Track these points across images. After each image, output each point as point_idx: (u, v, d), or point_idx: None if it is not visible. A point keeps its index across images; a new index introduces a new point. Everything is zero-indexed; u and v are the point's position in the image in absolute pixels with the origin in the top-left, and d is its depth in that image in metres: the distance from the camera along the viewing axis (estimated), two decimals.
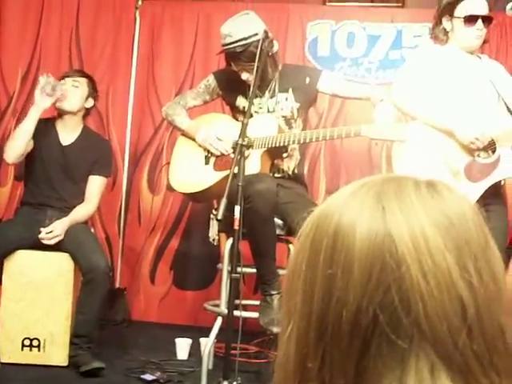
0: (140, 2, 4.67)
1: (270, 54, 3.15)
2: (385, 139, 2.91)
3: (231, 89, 3.43)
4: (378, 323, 0.66)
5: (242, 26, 3.19)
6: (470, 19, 3.11)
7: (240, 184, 2.68)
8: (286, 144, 3.14)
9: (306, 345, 0.71)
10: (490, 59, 3.35)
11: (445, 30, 3.20)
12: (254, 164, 3.12)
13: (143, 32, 4.68)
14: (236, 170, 2.72)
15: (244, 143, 2.74)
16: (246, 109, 3.17)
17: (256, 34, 3.12)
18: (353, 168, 4.43)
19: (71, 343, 3.37)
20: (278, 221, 3.20)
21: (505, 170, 2.98)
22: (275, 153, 3.26)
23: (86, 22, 4.63)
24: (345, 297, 0.68)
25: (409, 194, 0.71)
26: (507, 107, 3.10)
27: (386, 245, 0.67)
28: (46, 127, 3.57)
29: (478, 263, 0.68)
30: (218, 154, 3.33)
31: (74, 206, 3.55)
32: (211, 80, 3.51)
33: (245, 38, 3.15)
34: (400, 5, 4.80)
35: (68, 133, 3.62)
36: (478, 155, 3.00)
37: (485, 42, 3.23)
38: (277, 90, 3.33)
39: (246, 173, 2.81)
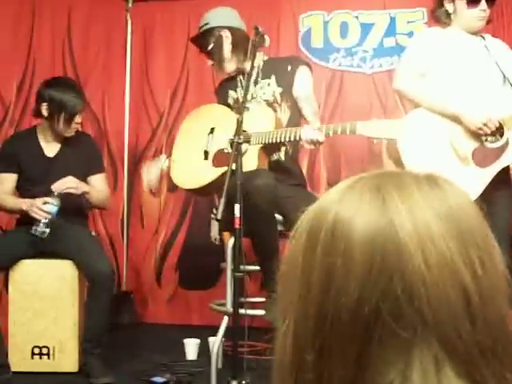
0: (130, 5, 4.66)
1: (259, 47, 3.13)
2: (380, 137, 2.85)
3: (223, 91, 3.50)
4: (380, 313, 0.65)
5: (205, 15, 3.41)
6: (474, 1, 3.06)
7: (238, 182, 2.66)
8: (282, 140, 3.11)
9: (304, 337, 0.69)
10: (493, 38, 3.26)
11: (447, 12, 3.15)
12: (251, 160, 3.09)
13: (135, 34, 4.67)
14: (233, 167, 2.71)
15: (240, 140, 2.72)
16: (238, 101, 3.31)
17: (206, 24, 3.34)
18: (353, 158, 4.41)
19: (82, 349, 3.38)
20: (278, 216, 3.18)
21: None
22: (272, 147, 3.24)
23: (78, 28, 4.62)
24: (345, 285, 0.66)
25: (409, 185, 0.70)
26: None
27: (387, 233, 0.66)
28: (28, 141, 3.51)
29: (481, 253, 0.68)
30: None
31: (75, 212, 3.53)
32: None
33: (201, 26, 3.38)
34: None
35: (51, 142, 3.53)
36: (486, 140, 2.95)
37: (488, 22, 3.17)
38: (260, 77, 3.32)
39: (244, 170, 2.79)
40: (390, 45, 4.47)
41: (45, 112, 3.41)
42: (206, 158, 3.32)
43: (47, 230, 3.27)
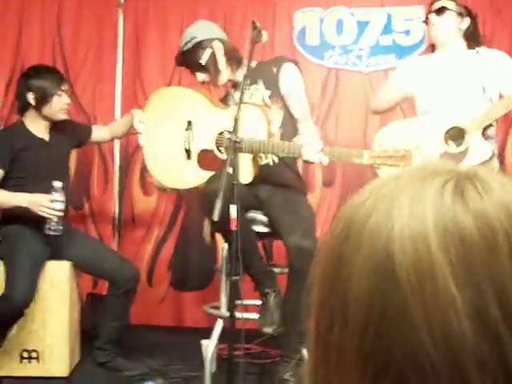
0: (122, 0, 4.56)
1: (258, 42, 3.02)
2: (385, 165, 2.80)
3: None
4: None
5: (187, 31, 3.29)
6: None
7: (235, 183, 2.59)
8: (280, 156, 3.03)
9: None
10: (490, 49, 3.39)
11: None
12: (246, 172, 2.94)
13: (127, 30, 4.57)
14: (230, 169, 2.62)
15: (238, 139, 2.64)
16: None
17: (194, 38, 3.20)
18: None
19: (99, 349, 3.40)
20: (261, 217, 3.13)
21: (474, 158, 3.09)
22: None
23: (68, 24, 4.51)
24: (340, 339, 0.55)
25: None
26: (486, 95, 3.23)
27: (387, 259, 0.52)
28: (20, 133, 3.42)
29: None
30: None
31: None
32: None
33: (186, 42, 3.24)
34: None
35: (40, 129, 3.45)
36: (449, 145, 3.14)
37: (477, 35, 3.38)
38: (248, 83, 3.14)
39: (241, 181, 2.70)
40: (386, 43, 4.41)
41: (32, 101, 3.35)
42: (188, 157, 3.19)
43: (60, 227, 3.21)
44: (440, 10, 3.29)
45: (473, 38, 3.34)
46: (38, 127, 3.44)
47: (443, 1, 3.34)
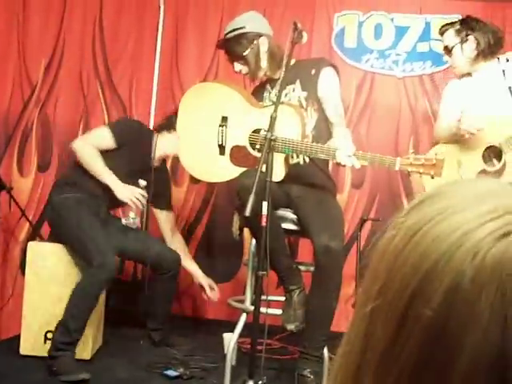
0: None
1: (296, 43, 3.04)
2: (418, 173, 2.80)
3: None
4: None
5: (237, 19, 3.30)
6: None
7: (268, 180, 2.62)
8: (313, 157, 3.03)
9: None
10: None
11: None
12: (278, 170, 2.96)
13: (167, 21, 4.61)
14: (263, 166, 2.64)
15: (273, 137, 2.67)
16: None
17: (242, 28, 3.22)
18: None
19: (155, 330, 3.65)
20: (290, 215, 3.15)
21: (510, 176, 3.07)
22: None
23: (110, 12, 4.57)
24: None
25: None
26: None
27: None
28: (146, 138, 3.61)
29: None
30: None
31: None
32: None
33: (232, 30, 3.24)
34: None
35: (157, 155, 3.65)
36: (488, 165, 3.14)
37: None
38: (284, 83, 3.20)
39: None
40: (423, 50, 4.41)
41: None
42: (221, 152, 3.22)
43: (137, 222, 3.37)
44: (446, 50, 3.31)
45: (489, 47, 3.24)
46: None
47: (446, 35, 3.31)
